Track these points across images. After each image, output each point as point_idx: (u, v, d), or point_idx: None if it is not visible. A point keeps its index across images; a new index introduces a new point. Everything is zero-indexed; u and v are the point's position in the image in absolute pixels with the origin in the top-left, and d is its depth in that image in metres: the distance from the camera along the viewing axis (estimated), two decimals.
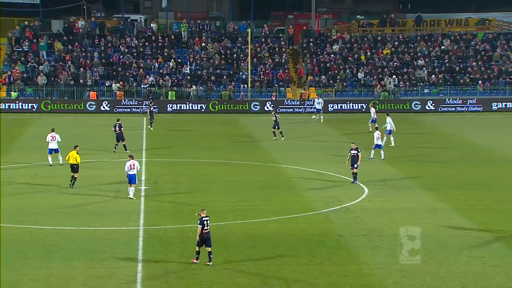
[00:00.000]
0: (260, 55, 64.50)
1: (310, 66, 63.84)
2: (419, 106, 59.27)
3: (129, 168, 28.81)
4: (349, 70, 63.59)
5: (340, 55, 65.16)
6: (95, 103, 57.08)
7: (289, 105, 58.72)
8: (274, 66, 63.81)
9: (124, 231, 24.81)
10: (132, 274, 20.67)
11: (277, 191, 31.16)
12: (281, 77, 62.67)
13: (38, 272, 20.65)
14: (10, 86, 58.48)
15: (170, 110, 57.44)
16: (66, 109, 56.90)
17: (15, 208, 27.50)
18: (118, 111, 56.65)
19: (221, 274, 20.79)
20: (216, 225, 25.58)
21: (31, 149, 40.25)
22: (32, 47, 62.50)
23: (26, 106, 56.61)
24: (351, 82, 62.90)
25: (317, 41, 66.80)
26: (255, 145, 43.57)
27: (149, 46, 64.39)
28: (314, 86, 61.93)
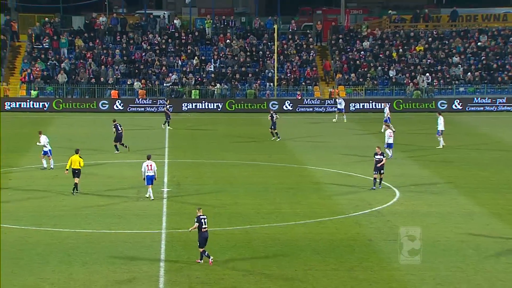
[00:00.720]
0: (287, 52, 64.45)
1: (339, 63, 63.63)
2: (445, 105, 58.84)
3: (146, 169, 29.07)
4: (380, 67, 63.25)
5: (371, 52, 64.83)
6: (108, 102, 57.42)
7: (309, 104, 58.59)
8: (302, 64, 63.71)
9: (146, 234, 24.96)
10: (154, 279, 20.79)
11: (304, 193, 31.11)
12: (309, 75, 62.55)
13: (58, 276, 20.85)
14: (30, 85, 59.15)
15: (185, 109, 57.68)
16: (79, 108, 57.23)
17: (34, 210, 27.81)
18: (131, 110, 56.99)
19: (246, 280, 20.82)
20: (241, 229, 25.63)
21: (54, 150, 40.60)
22: (53, 44, 63.15)
23: (38, 105, 57.01)
24: (382, 80, 62.55)
25: (346, 38, 66.56)
26: (281, 145, 43.52)
27: (172, 43, 64.69)
28: (343, 84, 61.73)
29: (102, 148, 41.12)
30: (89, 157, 38.31)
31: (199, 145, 43.26)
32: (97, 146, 41.88)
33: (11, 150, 40.27)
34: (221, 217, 27.22)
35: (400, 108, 58.29)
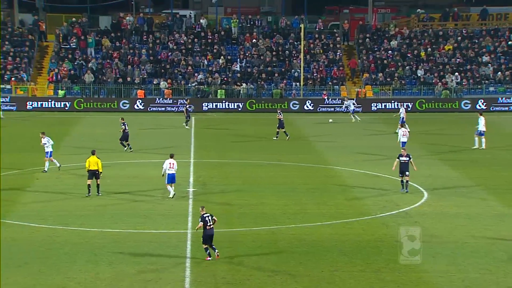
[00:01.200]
0: (314, 52, 64.34)
1: (366, 63, 63.36)
2: (469, 105, 58.31)
3: (168, 166, 29.36)
4: (408, 67, 62.86)
5: (399, 51, 64.46)
6: (129, 102, 57.69)
7: (330, 104, 58.32)
8: (328, 63, 63.55)
9: (172, 234, 25.08)
10: (180, 278, 20.88)
11: (330, 194, 31.03)
12: (335, 74, 62.37)
13: (85, 275, 21.04)
14: (57, 84, 59.76)
15: (206, 108, 57.74)
16: (100, 107, 57.62)
17: (61, 209, 28.09)
18: (152, 110, 57.21)
19: (272, 280, 20.82)
20: (267, 229, 25.64)
21: (78, 149, 41.02)
22: (80, 44, 63.74)
23: (59, 104, 57.47)
24: (409, 80, 62.17)
25: (374, 37, 66.25)
26: (306, 145, 43.46)
27: (198, 42, 64.94)
28: (370, 84, 61.45)
29: (120, 149, 41.38)
30: (114, 156, 38.64)
31: (224, 145, 43.35)
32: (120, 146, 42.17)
33: (37, 150, 40.70)
34: (247, 217, 27.26)
35: (422, 108, 58.00)
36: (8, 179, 32.85)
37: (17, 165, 35.82)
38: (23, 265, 21.74)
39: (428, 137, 46.25)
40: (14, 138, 45.23)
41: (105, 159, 37.81)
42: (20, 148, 41.29)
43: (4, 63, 61.27)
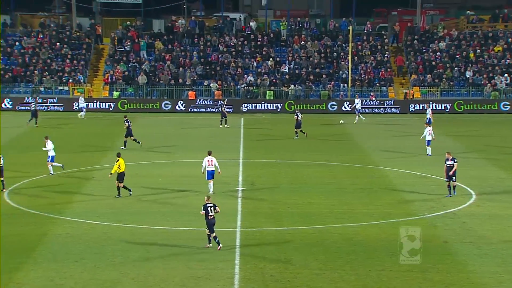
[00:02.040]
0: (361, 53, 63.87)
1: (414, 64, 62.61)
2: (508, 107, 57.04)
3: (207, 164, 29.79)
4: (457, 68, 61.87)
5: (447, 52, 63.53)
6: (171, 103, 58.01)
7: (368, 105, 57.77)
8: (376, 65, 63.01)
9: (222, 232, 25.17)
10: (229, 276, 20.96)
11: (377, 194, 30.76)
12: (383, 76, 61.81)
13: (138, 271, 21.27)
14: (112, 86, 60.68)
15: (245, 109, 57.74)
16: (142, 108, 58.07)
17: (116, 207, 28.49)
18: (192, 111, 57.51)
19: (319, 279, 20.75)
20: (314, 228, 25.56)
21: (132, 149, 41.56)
22: (134, 46, 64.60)
23: (104, 105, 58.12)
24: (458, 81, 61.20)
25: (422, 39, 65.43)
26: (353, 146, 43.16)
27: (247, 45, 65.12)
28: (418, 85, 60.70)
29: (174, 148, 41.80)
30: (165, 156, 39.04)
31: (272, 145, 43.34)
32: (168, 146, 42.61)
33: (93, 150, 41.41)
34: (295, 216, 27.22)
35: (460, 110, 57.08)
36: (65, 177, 33.49)
37: (73, 164, 36.46)
38: (79, 260, 22.12)
39: (473, 138, 45.46)
40: (69, 138, 46.07)
41: (156, 159, 38.31)
42: (75, 148, 42.00)
43: (62, 66, 62.50)
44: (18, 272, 21.01)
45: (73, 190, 31.06)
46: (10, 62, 62.79)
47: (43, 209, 27.50)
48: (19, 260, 21.97)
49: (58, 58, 63.57)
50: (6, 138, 44.24)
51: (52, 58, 63.36)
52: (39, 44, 64.61)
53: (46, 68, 62.06)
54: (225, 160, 36.07)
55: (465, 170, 33.19)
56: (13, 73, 61.18)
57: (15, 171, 33.94)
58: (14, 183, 31.88)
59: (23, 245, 23.46)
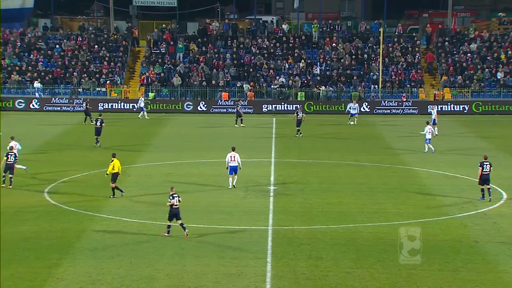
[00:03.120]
0: (392, 55, 63.38)
1: (445, 66, 61.93)
2: None
3: (230, 159, 30.63)
4: (488, 69, 61.04)
5: (478, 54, 62.70)
6: (192, 104, 58.03)
7: (387, 106, 57.25)
8: (407, 66, 62.47)
9: (254, 230, 25.18)
10: (261, 273, 20.94)
11: (408, 194, 30.47)
12: (414, 77, 61.26)
13: (172, 268, 21.38)
14: (148, 87, 61.12)
15: (266, 110, 57.60)
16: (165, 109, 58.00)
17: (151, 205, 28.66)
18: (214, 111, 57.49)
19: (350, 277, 20.62)
20: (344, 227, 25.41)
21: (167, 148, 41.79)
22: (169, 49, 64.99)
23: (128, 106, 58.14)
24: (489, 83, 60.37)
25: (453, 40, 64.69)
26: (384, 146, 42.82)
27: (280, 47, 65.07)
28: (449, 86, 60.04)
29: (206, 148, 41.92)
30: (199, 156, 39.17)
31: (303, 145, 43.20)
32: (200, 146, 42.76)
33: (129, 149, 41.74)
34: (326, 215, 27.10)
35: (479, 111, 56.25)
36: (100, 176, 33.80)
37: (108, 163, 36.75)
38: (115, 257, 22.29)
39: (501, 139, 44.75)
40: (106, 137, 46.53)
41: (189, 158, 38.45)
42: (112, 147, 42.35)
43: (100, 67, 63.14)
44: (57, 268, 21.26)
45: (110, 189, 31.29)
46: (51, 64, 63.64)
47: (81, 207, 27.79)
48: (58, 256, 22.24)
49: (96, 60, 64.26)
50: (48, 136, 44.85)
51: (90, 60, 64.05)
52: (78, 46, 65.37)
53: (84, 70, 62.76)
54: (257, 160, 36.11)
55: (496, 171, 32.62)
56: (53, 75, 61.99)
57: (54, 170, 34.37)
58: (54, 181, 32.27)
59: (62, 241, 23.73)
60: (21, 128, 46.78)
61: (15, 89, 60.46)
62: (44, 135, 46.04)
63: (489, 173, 28.71)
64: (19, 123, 50.31)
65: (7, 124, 45.95)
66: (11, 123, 48.25)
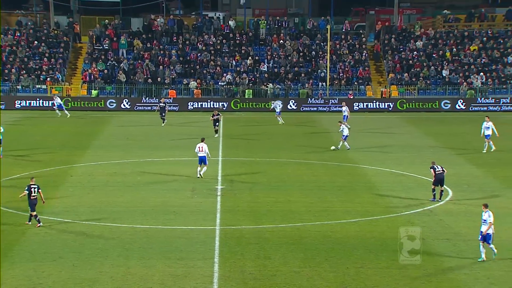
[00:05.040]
0: (340, 52, 64.11)
1: (391, 63, 62.97)
2: (448, 105, 58.03)
3: (198, 150, 32.10)
4: (433, 67, 62.34)
5: (424, 51, 63.96)
6: (115, 101, 57.70)
7: (313, 103, 58.30)
8: (354, 64, 63.28)
9: (201, 230, 25.15)
10: (208, 274, 20.93)
11: (356, 192, 30.89)
12: (361, 74, 62.10)
13: (116, 270, 21.17)
14: (91, 84, 60.28)
15: (191, 108, 57.74)
16: (86, 106, 57.38)
17: (95, 205, 28.31)
18: (138, 109, 57.35)
19: (298, 276, 20.78)
20: (293, 226, 25.60)
21: (110, 147, 41.34)
22: (112, 45, 64.24)
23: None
24: (435, 80, 61.65)
25: (399, 38, 65.82)
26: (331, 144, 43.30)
27: (226, 43, 65.07)
28: (396, 84, 61.06)
29: (151, 147, 41.67)
30: (147, 154, 38.88)
31: (251, 144, 43.32)
32: (144, 145, 42.48)
33: (70, 147, 41.13)
34: (274, 214, 27.24)
35: (403, 108, 57.81)
36: (43, 175, 33.21)
37: (52, 163, 36.18)
38: (57, 259, 21.95)
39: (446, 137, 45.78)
40: (48, 136, 45.73)
41: (137, 157, 38.13)
42: (52, 146, 41.67)
43: (40, 64, 61.96)
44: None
45: (52, 189, 30.80)
46: None
47: (19, 208, 27.22)
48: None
49: (35, 57, 63.01)
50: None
51: (30, 57, 62.79)
52: (16, 42, 63.99)
53: (23, 67, 61.48)
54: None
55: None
56: None
57: None
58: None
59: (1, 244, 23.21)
60: None
61: None
62: None
63: (442, 173, 28.81)
64: None
65: None
66: None
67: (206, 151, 32.20)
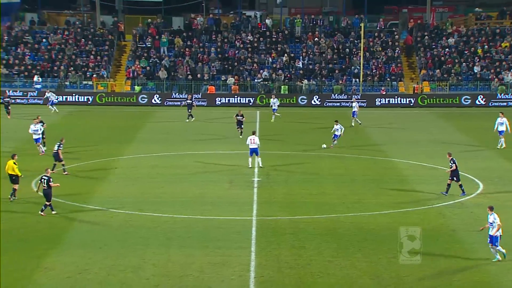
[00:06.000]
0: (373, 49, 63.57)
1: (423, 60, 62.22)
2: (469, 101, 56.93)
3: (250, 142, 32.86)
4: (465, 63, 61.42)
5: (456, 48, 63.03)
6: (147, 97, 57.77)
7: (336, 99, 57.62)
8: (387, 60, 62.69)
9: (238, 220, 25.22)
10: (245, 262, 20.98)
11: (388, 184, 30.63)
12: (394, 71, 61.49)
13: (158, 258, 21.36)
14: (134, 81, 60.84)
15: (219, 103, 57.63)
16: (119, 102, 57.49)
17: (137, 196, 28.60)
18: (168, 104, 57.22)
19: (332, 266, 20.73)
20: (326, 217, 25.52)
21: (151, 141, 41.67)
22: (154, 43, 64.70)
23: (82, 98, 57.70)
24: (466, 76, 60.75)
25: (431, 35, 64.97)
26: (365, 138, 42.99)
27: (263, 41, 65.01)
28: (428, 80, 60.33)
29: (193, 141, 41.88)
30: (185, 148, 39.13)
31: (286, 138, 43.23)
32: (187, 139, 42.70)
33: (114, 141, 41.58)
34: (308, 205, 27.19)
35: (424, 103, 56.89)
36: (88, 168, 33.67)
37: (97, 155, 36.63)
38: (103, 247, 22.25)
39: (476, 132, 45.08)
40: (92, 130, 46.30)
41: (176, 150, 38.39)
42: (97, 140, 42.18)
43: (87, 61, 62.74)
44: (45, 258, 21.19)
45: (97, 180, 31.22)
46: (38, 58, 63.14)
47: (69, 198, 27.67)
48: (46, 246, 22.16)
49: (82, 54, 63.82)
50: None
51: (77, 54, 63.61)
52: (65, 40, 64.89)
53: (71, 64, 62.34)
54: (242, 151, 36.11)
55: (474, 162, 32.97)
56: (40, 68, 61.52)
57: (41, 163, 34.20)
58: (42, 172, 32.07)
59: (51, 232, 23.64)
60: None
61: (19, 84, 59.69)
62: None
63: (451, 168, 28.22)
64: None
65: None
66: None
67: (257, 143, 32.90)
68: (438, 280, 19.71)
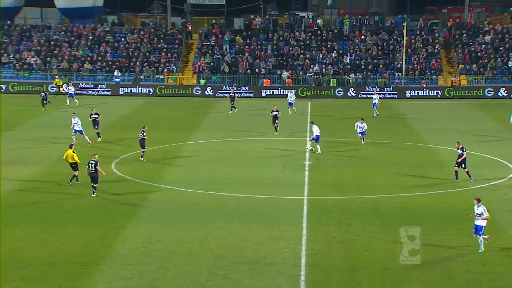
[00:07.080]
0: (414, 46, 62.33)
1: (461, 55, 60.63)
2: (492, 93, 54.95)
3: (315, 130, 33.10)
4: (500, 59, 59.53)
5: (492, 45, 61.15)
6: (200, 88, 57.58)
7: (370, 91, 55.77)
8: (427, 56, 61.36)
9: (291, 200, 25.24)
10: (298, 237, 21.01)
11: (428, 169, 30.09)
12: (433, 65, 60.18)
13: (221, 231, 21.59)
14: (200, 75, 61.39)
15: (264, 94, 56.73)
16: (176, 93, 57.55)
17: (203, 177, 28.90)
18: (219, 95, 56.77)
19: (375, 241, 20.55)
20: (371, 198, 25.26)
21: (213, 129, 41.97)
22: (218, 41, 65.05)
23: (145, 90, 57.95)
24: (501, 70, 58.91)
25: (469, 33, 63.20)
26: (408, 127, 42.26)
27: (315, 39, 64.53)
28: (465, 74, 58.78)
29: (249, 128, 41.95)
30: (244, 134, 39.26)
31: (333, 126, 42.84)
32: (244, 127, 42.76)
33: (182, 129, 42.09)
34: (354, 187, 26.98)
35: (450, 95, 54.96)
36: (159, 152, 34.21)
37: (165, 141, 37.15)
38: (172, 221, 22.62)
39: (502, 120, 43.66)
40: (162, 118, 46.93)
41: (235, 137, 38.58)
42: (167, 127, 42.75)
43: (159, 58, 63.60)
44: (123, 230, 21.69)
45: (167, 162, 31.68)
46: (117, 55, 64.37)
47: (143, 179, 28.19)
48: (124, 220, 22.67)
49: (155, 52, 64.70)
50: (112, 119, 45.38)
51: (151, 52, 64.54)
52: (140, 40, 65.89)
53: (145, 60, 63.30)
54: (295, 138, 36.03)
55: (506, 148, 31.94)
56: (119, 64, 62.73)
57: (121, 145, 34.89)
58: (120, 155, 32.78)
59: (128, 207, 24.16)
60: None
61: (101, 78, 60.65)
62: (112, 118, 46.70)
63: (462, 157, 27.32)
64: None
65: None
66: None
67: (319, 131, 33.10)
68: (473, 256, 19.28)
